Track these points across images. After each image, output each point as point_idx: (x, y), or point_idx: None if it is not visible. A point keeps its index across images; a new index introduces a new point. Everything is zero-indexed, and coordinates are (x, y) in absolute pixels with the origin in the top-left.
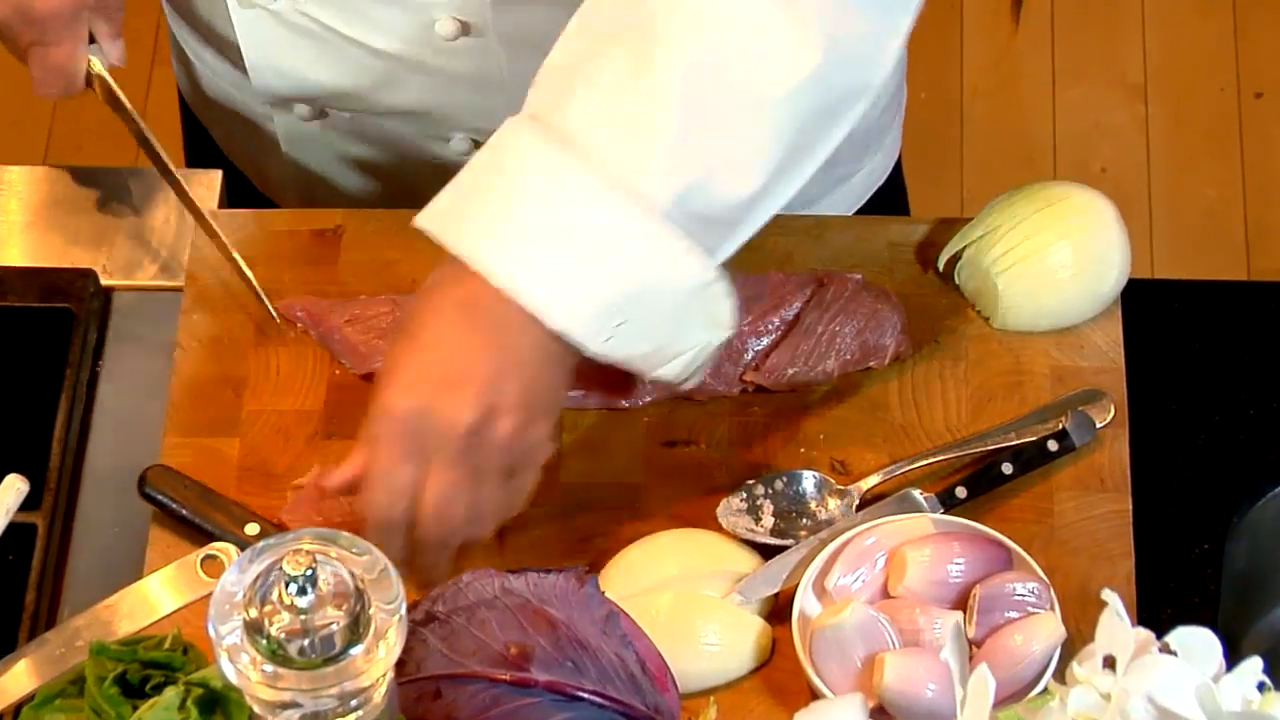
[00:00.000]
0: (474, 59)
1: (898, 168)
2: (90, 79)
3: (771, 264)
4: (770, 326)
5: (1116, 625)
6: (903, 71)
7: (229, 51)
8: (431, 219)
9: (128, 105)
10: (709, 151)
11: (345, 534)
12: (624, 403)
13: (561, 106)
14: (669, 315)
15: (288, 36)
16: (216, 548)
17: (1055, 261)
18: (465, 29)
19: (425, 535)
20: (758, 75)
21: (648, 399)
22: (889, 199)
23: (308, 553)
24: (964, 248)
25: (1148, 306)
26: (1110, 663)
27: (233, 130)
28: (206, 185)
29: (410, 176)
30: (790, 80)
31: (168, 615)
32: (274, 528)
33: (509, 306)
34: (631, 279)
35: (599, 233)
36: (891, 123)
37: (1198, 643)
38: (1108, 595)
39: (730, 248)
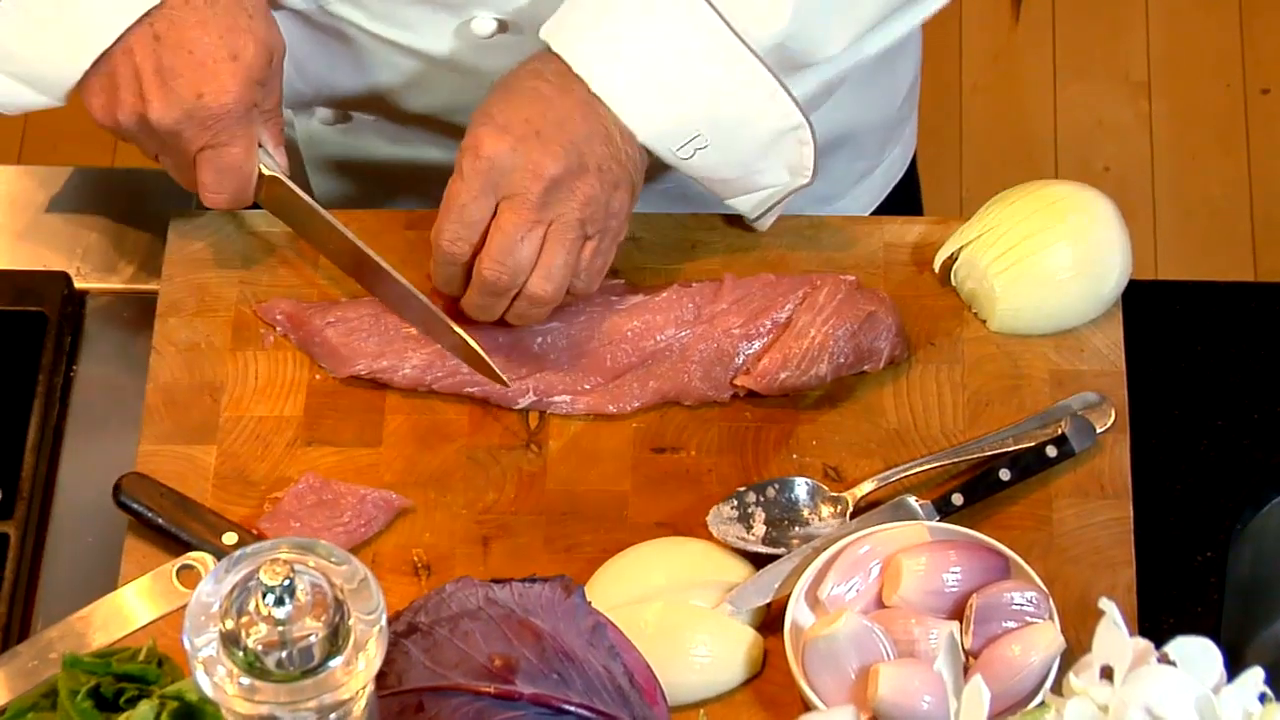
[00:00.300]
0: (510, 57)
1: (913, 163)
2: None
3: (763, 266)
4: (762, 329)
5: (1114, 634)
6: (919, 60)
7: None
8: (548, 32)
9: (311, 202)
10: (815, 9)
11: (324, 542)
12: (612, 408)
13: None
14: (750, 149)
15: (313, 37)
16: (193, 557)
17: (1054, 262)
18: (503, 27)
19: (482, 272)
20: None
21: (636, 405)
22: (905, 195)
23: (285, 562)
24: (960, 248)
25: (1149, 308)
26: (1108, 673)
27: None
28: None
29: (430, 185)
30: None
31: (143, 627)
32: (252, 537)
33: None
34: (717, 107)
35: (692, 58)
36: (910, 114)
37: (1197, 652)
38: (1105, 604)
39: (814, 104)
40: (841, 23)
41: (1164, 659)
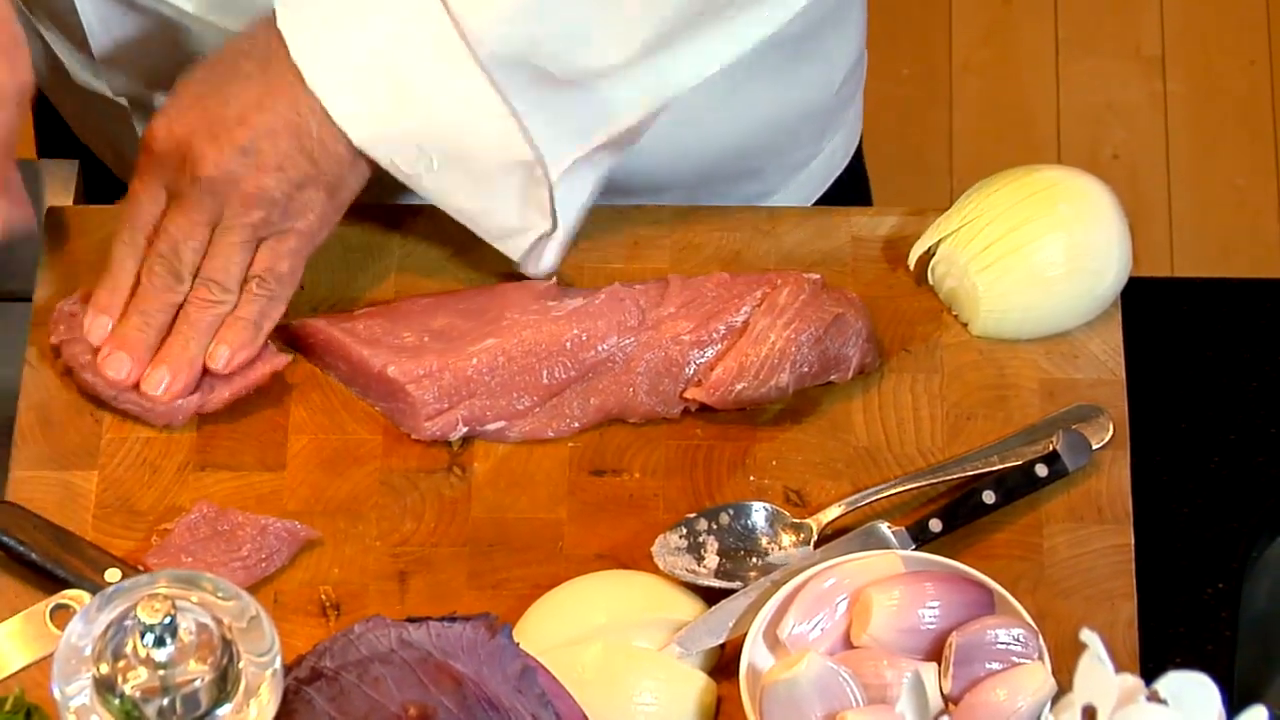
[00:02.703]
0: None
1: (859, 154)
2: None
3: (715, 264)
4: (714, 335)
5: (1097, 670)
6: (861, 39)
7: (79, 41)
8: None
9: None
10: (573, 14)
11: (209, 575)
12: (550, 433)
13: None
14: (482, 177)
15: (141, 25)
16: (69, 596)
17: (1044, 257)
18: None
19: (148, 275)
20: None
21: (576, 426)
22: (850, 189)
23: (166, 598)
24: (939, 242)
25: (1151, 308)
26: (1091, 714)
27: (91, 118)
28: (62, 178)
29: None
30: None
31: (13, 674)
32: (137, 574)
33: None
34: (441, 122)
35: (415, 62)
36: (851, 98)
37: (1192, 690)
38: (1086, 635)
39: (586, 137)
40: (609, 32)
41: (1154, 697)
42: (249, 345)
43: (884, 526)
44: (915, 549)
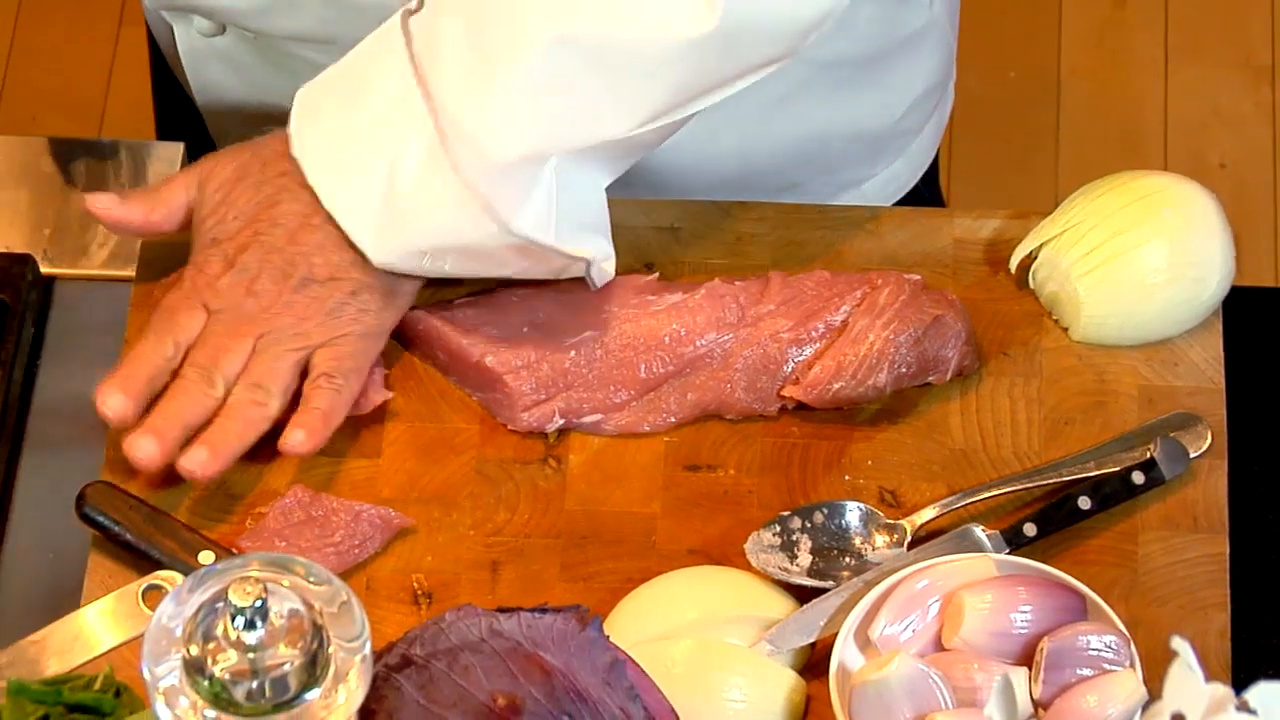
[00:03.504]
0: None
1: (931, 179)
2: None
3: (816, 262)
4: (813, 334)
5: (1188, 678)
6: (938, 74)
7: None
8: (300, 99)
9: None
10: (559, 112)
11: (301, 559)
12: (646, 426)
13: (429, 26)
14: (500, 261)
15: None
16: (162, 577)
17: (1146, 264)
18: None
19: (183, 379)
20: (638, 26)
21: (672, 420)
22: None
23: (257, 581)
24: (1040, 246)
25: (1253, 318)
26: None
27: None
28: (168, 160)
29: None
30: (672, 40)
31: (104, 653)
32: (230, 557)
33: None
34: (435, 233)
35: (410, 178)
36: (920, 127)
37: None
38: (1177, 643)
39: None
40: (598, 120)
41: (1243, 706)
42: (320, 434)
43: (978, 529)
44: (1009, 553)
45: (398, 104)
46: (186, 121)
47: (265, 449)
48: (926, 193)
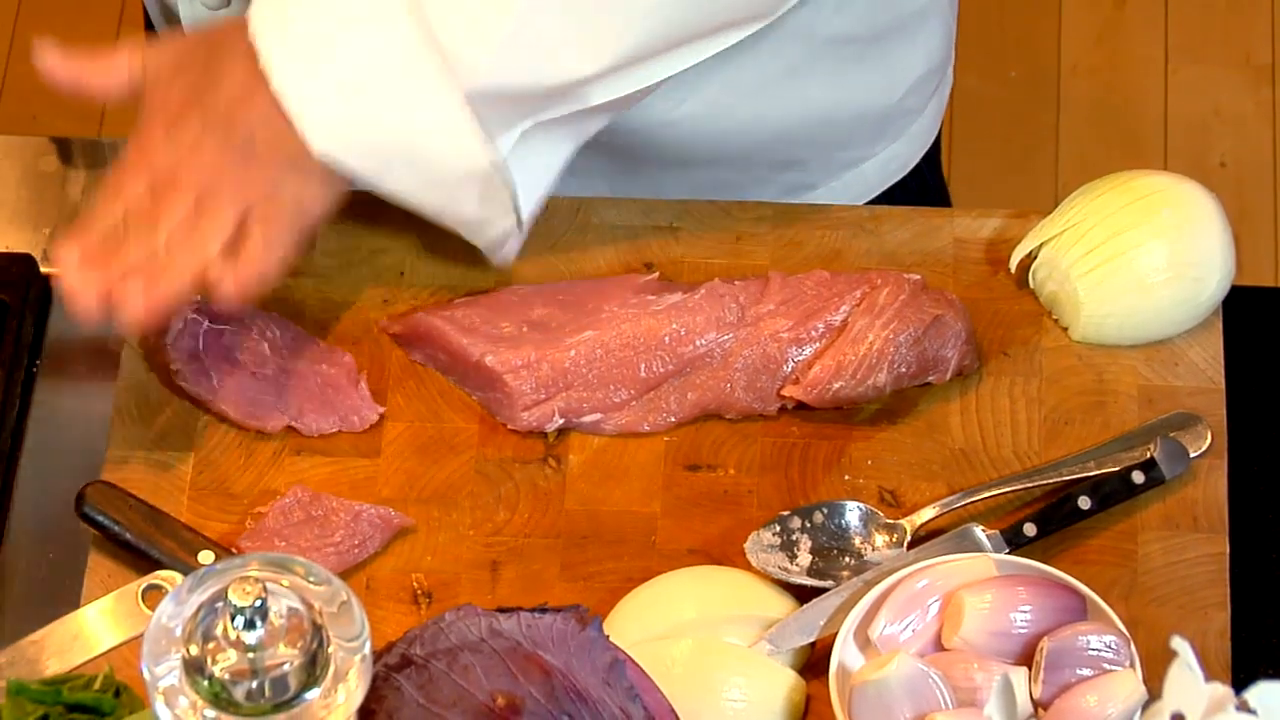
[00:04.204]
0: None
1: (932, 161)
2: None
3: (816, 261)
4: (813, 333)
5: (1187, 678)
6: (937, 55)
7: None
8: None
9: None
10: (546, 35)
11: (301, 559)
12: (646, 426)
13: None
14: (444, 184)
15: None
16: (162, 577)
17: (1146, 263)
18: None
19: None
20: None
21: (672, 420)
22: (917, 198)
23: (257, 580)
24: (1040, 246)
25: (1254, 318)
26: None
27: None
28: None
29: None
30: None
31: (104, 653)
32: (230, 556)
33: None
34: (403, 135)
35: (390, 81)
36: (918, 110)
37: None
38: (1177, 643)
39: (534, 121)
40: (582, 50)
41: (1243, 706)
42: (249, 281)
43: (978, 529)
44: (1009, 553)
45: (379, 5)
46: None
47: (266, 450)
48: (929, 174)
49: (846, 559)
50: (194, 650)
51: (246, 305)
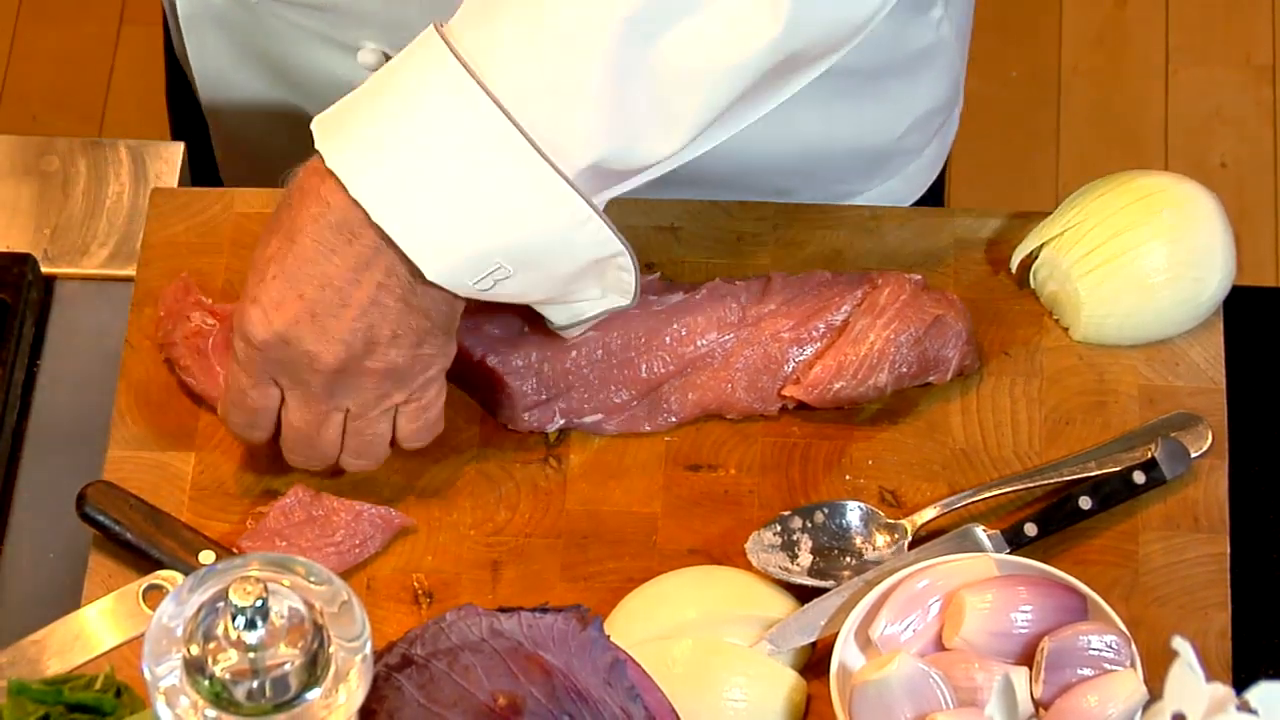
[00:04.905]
0: None
1: (935, 194)
2: None
3: (817, 262)
4: (814, 334)
5: (1188, 678)
6: (942, 95)
7: None
8: (321, 124)
9: None
10: (634, 118)
11: (301, 559)
12: (647, 426)
13: (481, 29)
14: (559, 276)
15: None
16: (162, 577)
17: (1147, 264)
18: None
19: (292, 461)
20: (706, 41)
21: (673, 421)
22: None
23: (258, 581)
24: (1041, 246)
25: (1255, 318)
26: None
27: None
28: (167, 159)
29: (314, 93)
30: (741, 52)
31: (105, 653)
32: (231, 556)
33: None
34: (521, 237)
35: (492, 181)
36: (920, 148)
37: None
38: (1178, 643)
39: (618, 193)
40: (664, 132)
41: (1244, 706)
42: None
43: (979, 529)
44: (1009, 553)
45: (452, 106)
46: (198, 123)
47: (260, 455)
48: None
49: (847, 559)
50: (195, 650)
51: None
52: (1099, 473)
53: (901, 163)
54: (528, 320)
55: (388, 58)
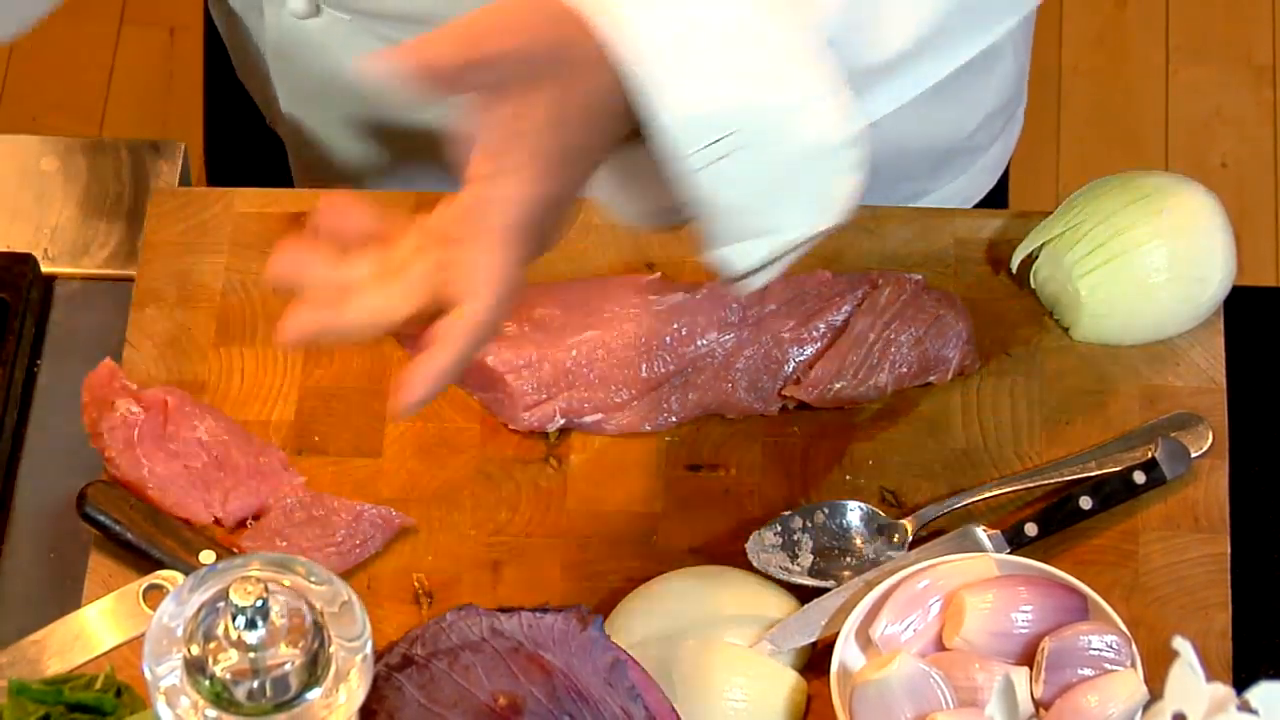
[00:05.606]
0: None
1: (1000, 192)
2: None
3: (818, 262)
4: (815, 334)
5: (1189, 678)
6: (1021, 86)
7: None
8: None
9: None
10: (861, 5)
11: (302, 559)
12: (647, 426)
13: None
14: (779, 164)
15: None
16: (163, 576)
17: (1148, 263)
18: None
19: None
20: None
21: (673, 420)
22: None
23: (258, 580)
24: (1042, 245)
25: (1255, 318)
26: None
27: (239, 38)
28: (168, 159)
29: (407, 116)
30: None
31: (105, 653)
32: (231, 556)
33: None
34: (759, 98)
35: (742, 36)
36: (987, 145)
37: None
38: (1179, 643)
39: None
40: (899, 17)
41: (1244, 706)
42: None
43: (979, 529)
44: (1010, 553)
45: None
46: (241, 131)
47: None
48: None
49: (848, 559)
50: (195, 650)
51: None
52: (1099, 473)
53: (968, 161)
54: (529, 320)
55: None
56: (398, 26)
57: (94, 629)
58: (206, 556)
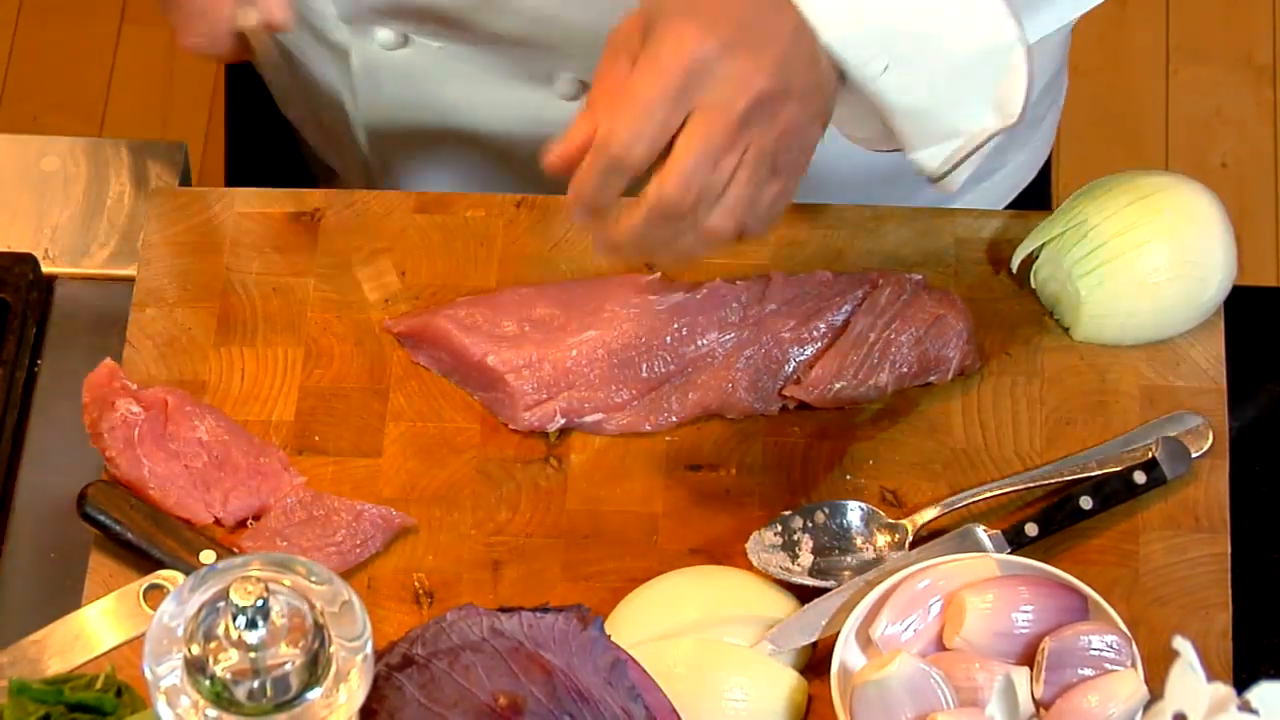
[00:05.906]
0: None
1: (1046, 167)
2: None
3: (818, 262)
4: (815, 333)
5: (1189, 678)
6: (1065, 54)
7: None
8: None
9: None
10: None
11: (302, 559)
12: (648, 426)
13: None
14: (951, 71)
15: None
16: (163, 576)
17: (1148, 263)
18: None
19: (664, 191)
20: None
21: (674, 420)
22: (1033, 204)
23: (259, 580)
24: (1042, 246)
25: (1256, 318)
26: None
27: (293, 67)
28: (168, 160)
29: (502, 135)
30: None
31: (105, 653)
32: (232, 556)
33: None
34: (910, 13)
35: None
36: (1045, 114)
37: None
38: (1179, 643)
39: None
40: None
41: (1245, 706)
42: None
43: (979, 529)
44: (1010, 553)
45: None
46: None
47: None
48: (1044, 186)
49: (848, 559)
50: (196, 650)
51: (184, 395)
52: (1099, 473)
53: (1029, 133)
54: (529, 320)
55: (585, 86)
56: (489, 50)
57: (94, 629)
58: (207, 556)
